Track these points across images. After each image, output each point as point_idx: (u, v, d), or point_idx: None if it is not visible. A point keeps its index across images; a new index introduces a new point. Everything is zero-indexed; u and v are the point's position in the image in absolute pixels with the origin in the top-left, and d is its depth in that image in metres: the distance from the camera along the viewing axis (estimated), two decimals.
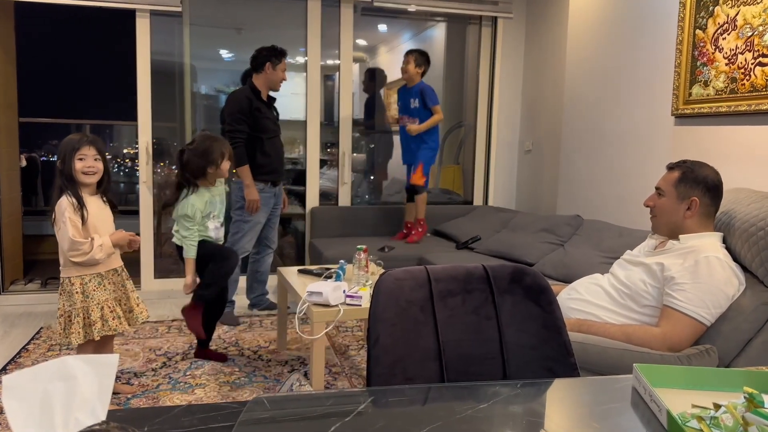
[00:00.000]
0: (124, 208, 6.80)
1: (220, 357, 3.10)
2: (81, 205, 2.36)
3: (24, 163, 4.72)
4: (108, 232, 2.48)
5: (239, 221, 3.68)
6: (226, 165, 2.98)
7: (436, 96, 4.07)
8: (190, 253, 2.90)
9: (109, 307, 2.45)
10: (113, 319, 2.45)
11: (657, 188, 2.07)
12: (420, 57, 4.03)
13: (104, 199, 2.51)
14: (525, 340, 1.27)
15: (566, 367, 1.25)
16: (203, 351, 3.13)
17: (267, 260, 3.92)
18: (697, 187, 1.97)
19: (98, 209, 2.45)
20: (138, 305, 2.60)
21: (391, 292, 1.25)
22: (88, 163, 2.38)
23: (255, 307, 3.97)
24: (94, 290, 2.42)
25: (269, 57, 3.66)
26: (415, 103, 4.05)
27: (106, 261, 2.46)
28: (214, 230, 3.00)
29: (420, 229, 4.16)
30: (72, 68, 6.64)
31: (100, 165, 2.43)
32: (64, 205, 2.34)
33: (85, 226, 2.38)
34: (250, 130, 3.59)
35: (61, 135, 2.50)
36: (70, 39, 6.34)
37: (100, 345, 2.54)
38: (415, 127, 3.99)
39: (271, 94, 3.79)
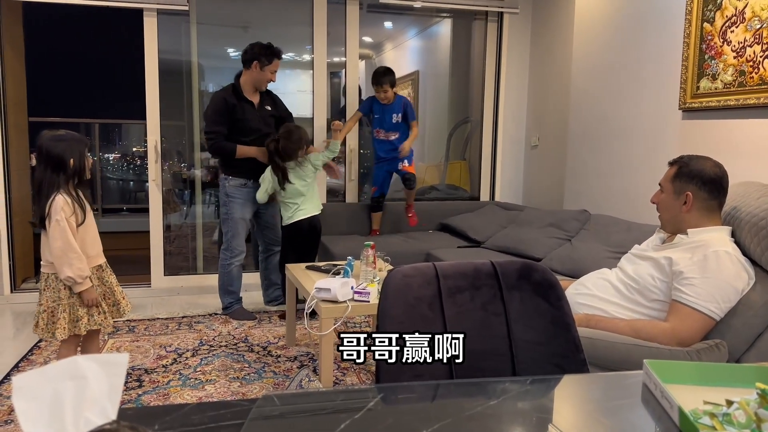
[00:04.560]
0: (133, 207, 6.86)
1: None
2: (82, 206, 2.36)
3: (34, 162, 4.74)
4: (96, 230, 2.47)
5: (226, 219, 3.68)
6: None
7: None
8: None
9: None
10: (98, 314, 2.44)
11: (660, 185, 2.07)
12: (393, 77, 4.07)
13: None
14: (533, 337, 1.27)
15: (575, 363, 1.24)
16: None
17: (273, 259, 3.94)
18: (691, 182, 1.95)
19: (89, 208, 2.44)
20: (123, 298, 2.57)
21: (400, 290, 1.25)
22: (90, 161, 2.41)
23: (273, 302, 3.99)
24: None
25: (259, 56, 3.52)
26: (397, 118, 4.12)
27: (92, 259, 2.44)
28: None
29: (411, 214, 4.40)
30: (80, 68, 6.68)
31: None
32: (61, 204, 2.29)
33: (83, 230, 2.38)
34: (229, 131, 3.54)
35: None
36: (78, 38, 6.37)
37: (87, 339, 2.55)
38: (408, 145, 4.12)
39: (269, 87, 3.73)
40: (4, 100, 4.00)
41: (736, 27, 2.79)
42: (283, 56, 3.69)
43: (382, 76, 4.03)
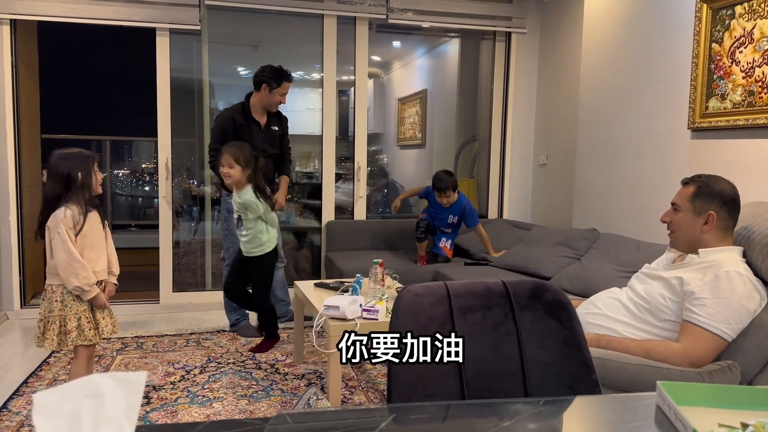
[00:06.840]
0: (142, 223, 6.90)
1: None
2: (85, 219, 2.37)
3: (45, 178, 4.79)
4: (101, 245, 2.49)
5: (227, 234, 3.69)
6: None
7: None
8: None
9: (87, 318, 2.45)
10: (89, 329, 2.45)
11: (673, 204, 2.05)
12: (454, 180, 3.95)
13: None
14: (545, 357, 1.27)
15: (588, 384, 1.24)
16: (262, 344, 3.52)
17: (276, 275, 3.92)
18: (713, 201, 1.95)
19: (96, 222, 2.46)
20: (104, 318, 2.53)
21: (411, 308, 1.25)
22: (100, 176, 2.43)
23: (279, 319, 3.99)
24: (73, 300, 2.42)
25: (268, 79, 3.54)
26: (453, 219, 4.06)
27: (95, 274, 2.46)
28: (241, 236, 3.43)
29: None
30: (93, 85, 6.76)
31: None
32: (60, 216, 2.34)
33: (82, 241, 2.39)
34: None
35: None
36: (91, 57, 6.46)
37: (79, 356, 2.53)
38: (493, 251, 4.07)
39: (280, 108, 3.75)
40: (17, 118, 4.05)
41: (745, 47, 2.81)
42: (294, 74, 3.72)
43: (443, 181, 3.89)
